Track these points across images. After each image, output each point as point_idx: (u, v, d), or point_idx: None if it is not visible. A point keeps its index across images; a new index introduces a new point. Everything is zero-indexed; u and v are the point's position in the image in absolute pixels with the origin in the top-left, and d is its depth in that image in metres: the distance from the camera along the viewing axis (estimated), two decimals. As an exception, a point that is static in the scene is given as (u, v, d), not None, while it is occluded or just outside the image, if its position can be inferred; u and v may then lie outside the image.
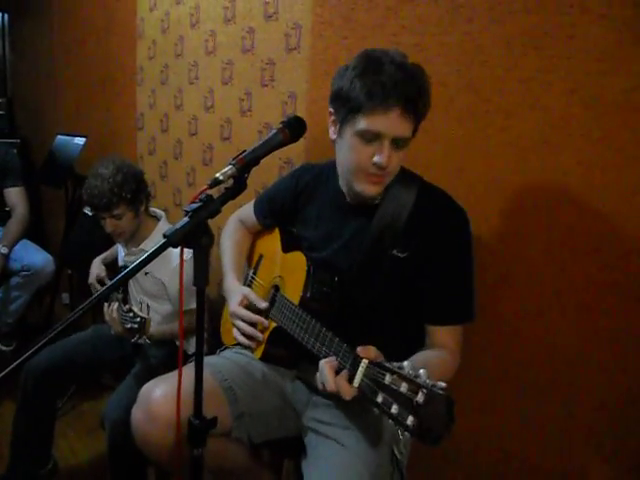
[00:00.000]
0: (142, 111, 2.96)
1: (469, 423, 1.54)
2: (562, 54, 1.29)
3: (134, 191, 1.92)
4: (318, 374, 1.10)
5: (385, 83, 1.11)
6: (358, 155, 1.20)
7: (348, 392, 1.01)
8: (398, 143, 1.17)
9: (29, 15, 4.40)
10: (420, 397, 0.82)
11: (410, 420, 0.83)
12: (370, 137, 1.16)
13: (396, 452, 1.26)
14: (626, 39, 1.20)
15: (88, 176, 1.92)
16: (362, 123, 1.16)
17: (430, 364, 1.18)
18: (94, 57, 3.41)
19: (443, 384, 0.83)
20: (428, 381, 0.84)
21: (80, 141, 3.10)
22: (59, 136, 3.32)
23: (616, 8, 1.21)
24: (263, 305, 1.38)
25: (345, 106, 1.18)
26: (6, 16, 4.81)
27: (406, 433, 0.84)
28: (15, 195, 2.84)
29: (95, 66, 3.41)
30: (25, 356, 0.89)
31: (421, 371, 0.86)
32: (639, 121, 1.20)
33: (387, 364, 0.92)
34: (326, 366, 1.07)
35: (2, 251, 2.62)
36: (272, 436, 1.40)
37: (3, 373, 0.87)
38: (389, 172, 1.22)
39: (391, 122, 1.14)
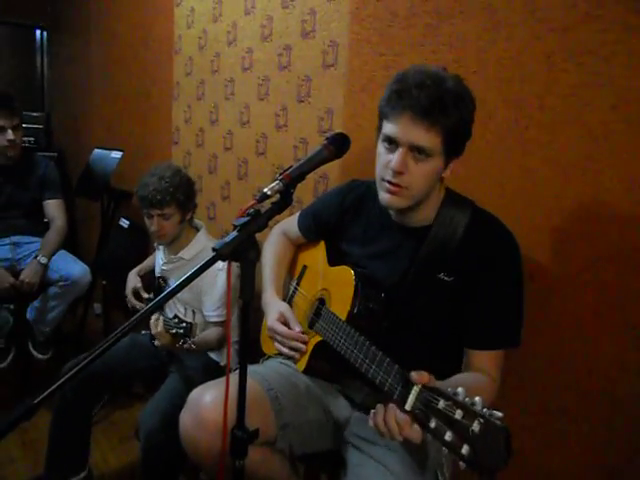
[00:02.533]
0: (178, 126, 3.02)
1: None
2: (604, 71, 1.29)
3: (187, 195, 2.02)
4: (370, 420, 1.02)
5: (401, 89, 1.14)
6: (380, 161, 1.22)
7: (404, 424, 0.96)
8: (417, 153, 1.16)
9: (67, 32, 4.54)
10: (476, 426, 0.80)
11: (465, 449, 0.80)
12: (390, 143, 1.18)
13: (440, 477, 1.24)
14: (669, 55, 1.20)
15: (145, 176, 2.01)
16: (384, 128, 1.20)
17: (472, 388, 1.17)
18: (131, 72, 3.50)
19: (500, 414, 0.80)
20: (485, 410, 0.81)
21: (117, 155, 3.18)
22: (96, 150, 3.41)
23: (659, 25, 1.21)
24: (297, 329, 1.39)
25: (378, 114, 1.24)
26: (45, 33, 4.96)
27: (461, 463, 0.81)
28: (54, 207, 2.92)
29: (132, 81, 3.49)
30: (68, 375, 0.89)
31: (477, 398, 0.83)
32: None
33: (441, 389, 0.89)
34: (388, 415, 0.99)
35: (42, 261, 2.68)
36: (311, 448, 1.40)
37: (47, 392, 0.88)
38: (408, 183, 1.19)
39: (403, 127, 1.15)
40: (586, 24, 1.31)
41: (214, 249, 0.95)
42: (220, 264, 1.00)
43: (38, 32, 4.96)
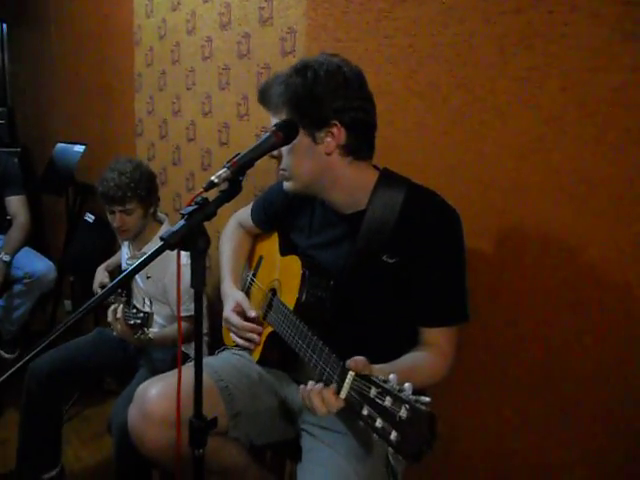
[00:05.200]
0: (141, 117, 2.98)
1: (467, 424, 1.55)
2: (554, 52, 1.30)
3: (148, 190, 1.99)
4: (301, 397, 1.06)
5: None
6: None
7: (334, 405, 0.98)
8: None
9: (27, 25, 4.43)
10: (403, 412, 0.80)
11: (394, 435, 0.81)
12: None
13: (391, 459, 1.25)
14: (616, 36, 1.21)
15: (105, 171, 1.97)
16: None
17: (417, 367, 1.18)
18: (92, 65, 3.43)
19: (427, 399, 0.81)
20: (412, 396, 0.81)
21: (80, 148, 3.14)
22: (59, 144, 3.35)
23: (606, 6, 1.21)
24: (253, 315, 1.39)
25: None
26: (5, 26, 4.84)
27: (390, 449, 0.82)
28: (16, 203, 2.87)
29: (93, 73, 3.43)
30: (27, 357, 0.90)
31: (406, 385, 0.84)
32: (630, 118, 1.21)
33: (373, 377, 0.90)
34: (312, 393, 1.02)
35: (4, 259, 2.64)
36: (272, 438, 1.41)
37: (6, 375, 0.89)
38: (284, 166, 1.27)
39: None
40: (535, 6, 1.32)
41: (161, 238, 0.94)
42: (185, 258, 0.99)
43: (-2, 25, 4.84)
